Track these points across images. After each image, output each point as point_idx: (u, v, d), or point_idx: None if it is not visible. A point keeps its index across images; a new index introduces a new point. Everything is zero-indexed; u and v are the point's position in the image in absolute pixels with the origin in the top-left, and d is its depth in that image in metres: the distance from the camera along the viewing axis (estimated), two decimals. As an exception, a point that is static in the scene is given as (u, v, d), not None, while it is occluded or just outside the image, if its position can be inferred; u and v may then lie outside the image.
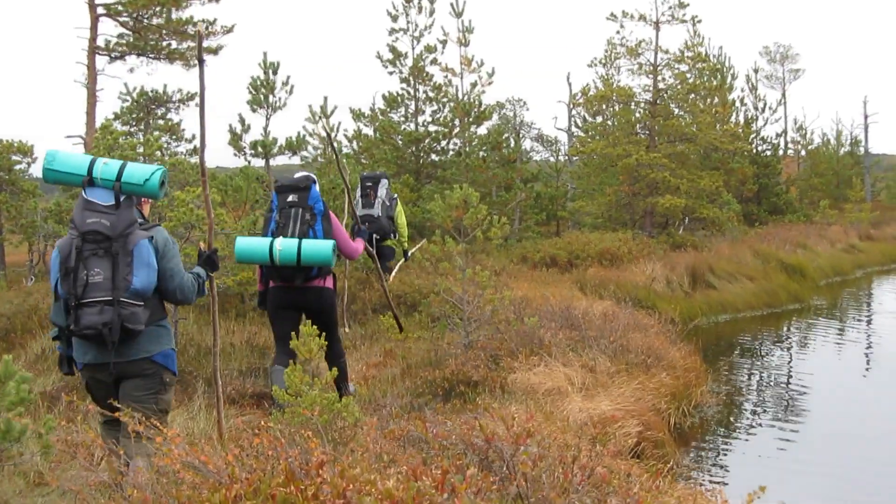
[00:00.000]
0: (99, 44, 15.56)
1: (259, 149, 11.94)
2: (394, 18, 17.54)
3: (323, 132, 14.28)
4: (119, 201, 3.66)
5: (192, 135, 18.25)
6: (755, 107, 30.37)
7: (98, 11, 15.31)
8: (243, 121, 12.10)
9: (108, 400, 3.75)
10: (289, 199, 5.44)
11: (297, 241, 5.25)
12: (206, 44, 14.97)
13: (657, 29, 19.09)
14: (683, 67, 19.48)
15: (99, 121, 14.14)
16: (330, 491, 2.55)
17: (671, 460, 6.03)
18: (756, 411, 8.30)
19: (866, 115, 37.25)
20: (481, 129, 18.30)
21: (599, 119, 24.47)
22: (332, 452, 3.26)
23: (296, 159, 14.46)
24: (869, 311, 15.26)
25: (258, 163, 12.40)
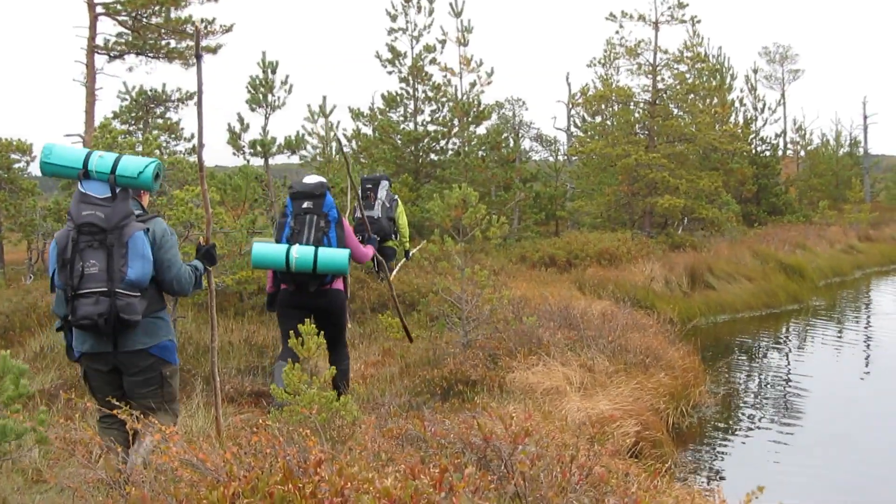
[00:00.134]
0: (98, 43, 15.56)
1: (258, 148, 11.92)
2: (393, 18, 17.54)
3: (326, 132, 14.29)
4: (114, 193, 3.69)
5: (191, 134, 18.27)
6: (754, 107, 30.41)
7: (97, 10, 15.31)
8: (242, 120, 12.07)
9: (106, 391, 3.80)
10: (304, 205, 5.46)
11: (313, 250, 5.28)
12: (205, 43, 14.96)
13: (656, 29, 19.10)
14: (683, 68, 19.49)
15: (98, 120, 14.15)
16: (328, 489, 2.55)
17: (669, 460, 6.04)
18: (754, 412, 8.31)
19: (865, 116, 37.34)
20: (480, 129, 18.32)
21: (598, 119, 24.49)
22: (331, 451, 3.26)
23: (294, 158, 14.46)
24: (867, 312, 15.27)
25: (257, 162, 12.39)
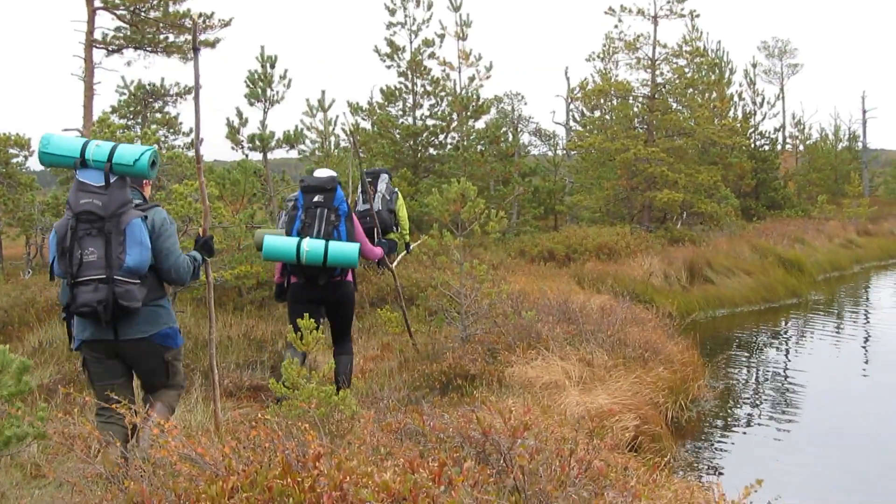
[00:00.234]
0: (96, 37, 15.49)
1: (257, 142, 11.92)
2: (391, 12, 17.49)
3: (325, 126, 14.27)
4: (109, 182, 3.69)
5: (190, 128, 18.27)
6: (753, 101, 30.34)
7: (95, 4, 15.23)
8: (241, 114, 12.08)
9: (105, 378, 3.83)
10: (315, 199, 5.51)
11: (324, 243, 5.32)
12: (203, 37, 14.91)
13: (655, 23, 19.06)
14: (681, 62, 19.44)
15: (96, 114, 14.12)
16: (327, 483, 2.55)
17: (668, 454, 6.05)
18: (753, 406, 8.32)
19: (864, 111, 37.34)
20: (479, 123, 18.28)
21: (597, 113, 24.45)
22: (329, 445, 3.25)
23: (293, 153, 14.46)
24: (866, 306, 15.29)
25: (256, 156, 12.40)
